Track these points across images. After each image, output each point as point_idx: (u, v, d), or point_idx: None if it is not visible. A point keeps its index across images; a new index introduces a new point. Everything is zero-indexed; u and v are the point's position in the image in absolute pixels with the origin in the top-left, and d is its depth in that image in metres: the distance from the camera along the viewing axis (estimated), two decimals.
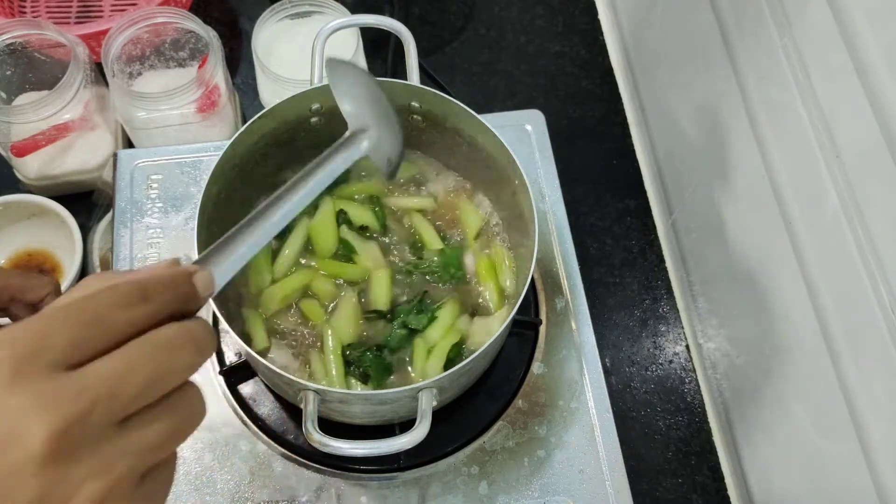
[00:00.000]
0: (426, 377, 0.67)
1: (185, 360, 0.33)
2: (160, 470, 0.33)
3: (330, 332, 0.68)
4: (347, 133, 0.54)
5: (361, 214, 0.74)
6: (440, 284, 0.72)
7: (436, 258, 0.73)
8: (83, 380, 0.30)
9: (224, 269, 0.39)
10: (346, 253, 0.72)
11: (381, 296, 0.70)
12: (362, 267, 0.72)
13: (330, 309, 0.70)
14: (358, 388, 0.67)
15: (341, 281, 0.71)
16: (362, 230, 0.74)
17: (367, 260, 0.72)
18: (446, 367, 0.68)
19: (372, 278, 0.71)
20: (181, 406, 0.33)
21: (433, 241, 0.73)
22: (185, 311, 0.35)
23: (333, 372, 0.67)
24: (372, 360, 0.67)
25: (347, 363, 0.68)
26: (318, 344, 0.68)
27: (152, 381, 0.31)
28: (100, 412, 0.30)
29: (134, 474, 0.31)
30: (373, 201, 0.75)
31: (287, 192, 0.46)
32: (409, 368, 0.69)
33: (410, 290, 0.72)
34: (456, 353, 0.69)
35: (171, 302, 0.34)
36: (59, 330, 0.30)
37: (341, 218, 0.74)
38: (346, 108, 0.56)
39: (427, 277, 0.72)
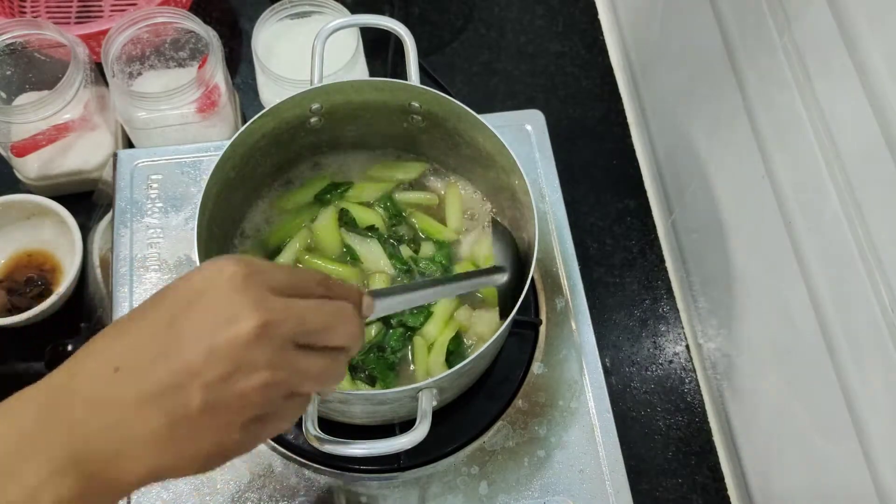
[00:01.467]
0: (429, 373, 0.67)
1: (348, 330, 0.45)
2: (298, 400, 0.44)
3: None
4: (496, 266, 0.70)
5: (367, 215, 0.74)
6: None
7: (430, 253, 0.73)
8: (286, 303, 0.42)
9: (385, 306, 0.53)
10: (350, 256, 0.73)
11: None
12: (361, 270, 0.72)
13: None
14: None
15: None
16: (369, 229, 0.74)
17: (370, 263, 0.72)
18: (448, 360, 0.68)
19: (369, 283, 0.71)
20: (334, 362, 0.45)
21: (438, 231, 0.75)
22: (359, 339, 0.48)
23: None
24: (375, 361, 0.68)
25: (353, 368, 0.68)
26: None
27: (325, 328, 0.44)
28: (289, 327, 0.41)
29: (289, 383, 0.42)
30: (383, 199, 0.76)
31: (440, 282, 0.65)
32: (412, 366, 0.69)
33: None
34: (456, 346, 0.69)
35: (345, 300, 0.46)
36: (279, 272, 0.43)
37: (346, 218, 0.74)
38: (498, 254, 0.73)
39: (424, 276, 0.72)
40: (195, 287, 0.42)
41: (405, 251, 0.73)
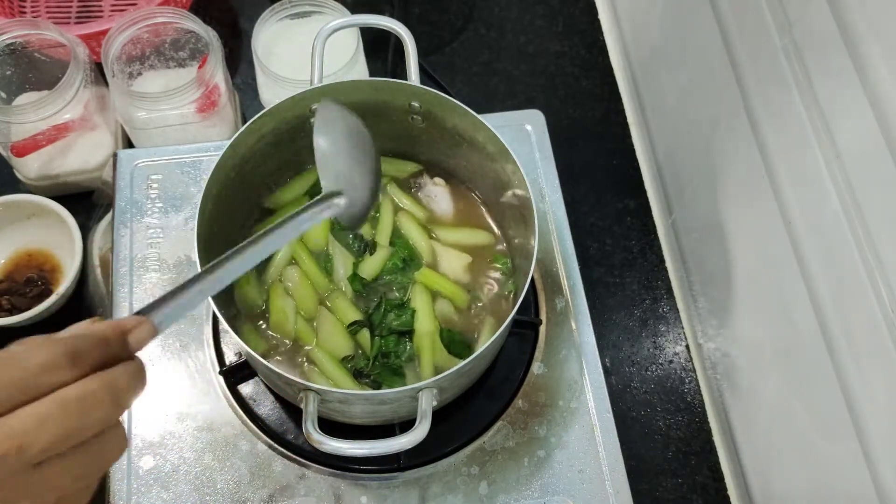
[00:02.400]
0: (438, 368, 0.68)
1: (98, 415, 0.35)
2: (72, 499, 0.36)
3: (322, 354, 0.69)
4: (325, 195, 0.55)
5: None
6: (405, 276, 0.73)
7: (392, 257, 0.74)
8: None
9: (167, 315, 0.41)
10: (327, 263, 0.74)
11: (348, 311, 0.71)
12: (331, 281, 0.73)
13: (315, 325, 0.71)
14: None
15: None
16: (355, 238, 0.74)
17: (337, 278, 0.73)
18: (450, 347, 0.69)
19: (330, 298, 0.72)
20: (94, 450, 0.35)
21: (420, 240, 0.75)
22: (117, 359, 0.37)
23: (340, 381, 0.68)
24: (380, 368, 0.68)
25: (358, 373, 0.68)
26: (315, 367, 0.69)
27: (63, 437, 0.34)
28: (11, 460, 0.32)
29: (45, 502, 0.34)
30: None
31: (250, 244, 0.47)
32: (417, 368, 0.69)
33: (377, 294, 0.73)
34: (456, 336, 0.70)
35: (100, 360, 0.36)
36: None
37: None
38: (327, 173, 0.57)
39: (388, 277, 0.73)
40: None
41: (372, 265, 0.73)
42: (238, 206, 0.73)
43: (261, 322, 0.71)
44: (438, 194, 0.78)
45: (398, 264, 0.73)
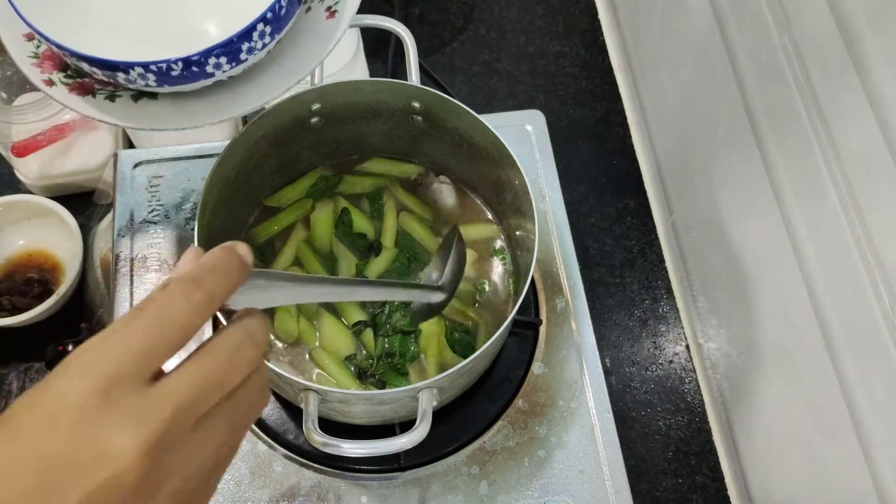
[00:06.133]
0: (443, 366, 0.69)
1: (245, 357, 0.36)
2: (224, 460, 0.37)
3: (323, 354, 0.69)
4: (432, 285, 0.64)
5: (363, 224, 0.75)
6: (411, 276, 0.73)
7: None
8: (164, 394, 0.33)
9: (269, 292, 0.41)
10: (331, 263, 0.74)
11: (354, 312, 0.71)
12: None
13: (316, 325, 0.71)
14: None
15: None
16: (360, 236, 0.74)
17: (343, 275, 0.73)
18: (454, 348, 0.70)
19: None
20: (244, 399, 0.36)
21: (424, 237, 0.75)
22: (235, 284, 0.37)
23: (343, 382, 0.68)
24: (385, 367, 0.68)
25: (362, 373, 0.68)
26: (316, 367, 0.70)
27: (220, 384, 0.35)
28: (179, 422, 0.33)
29: (206, 467, 0.34)
30: (374, 199, 0.76)
31: (369, 283, 0.56)
32: (423, 362, 0.69)
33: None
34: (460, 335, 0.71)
35: (224, 279, 0.37)
36: (132, 344, 0.33)
37: (344, 218, 0.74)
38: (445, 273, 0.65)
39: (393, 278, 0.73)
40: (48, 411, 0.32)
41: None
42: (238, 206, 0.73)
43: None
44: (445, 192, 0.78)
45: (404, 264, 0.73)
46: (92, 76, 0.52)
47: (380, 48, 0.98)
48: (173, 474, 0.33)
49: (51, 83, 0.53)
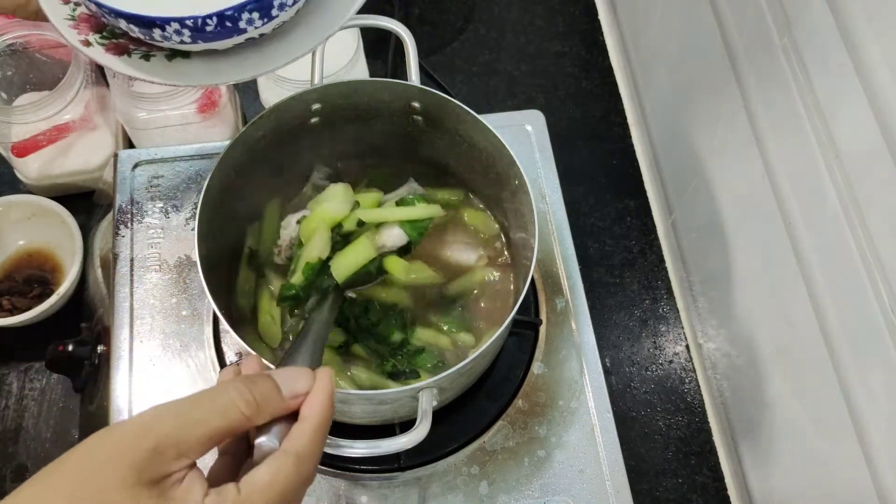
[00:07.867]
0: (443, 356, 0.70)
1: (305, 474, 0.44)
2: None
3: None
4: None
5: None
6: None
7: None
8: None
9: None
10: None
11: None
12: None
13: None
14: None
15: None
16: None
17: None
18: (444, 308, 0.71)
19: None
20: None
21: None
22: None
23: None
24: (403, 357, 0.69)
25: (395, 374, 0.69)
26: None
27: None
28: None
29: None
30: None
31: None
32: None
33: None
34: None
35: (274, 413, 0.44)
36: (178, 432, 0.39)
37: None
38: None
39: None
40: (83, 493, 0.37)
41: None
42: (238, 205, 0.73)
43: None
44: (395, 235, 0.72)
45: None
46: (127, 35, 0.54)
47: (380, 48, 0.98)
48: None
49: (87, 44, 0.55)
